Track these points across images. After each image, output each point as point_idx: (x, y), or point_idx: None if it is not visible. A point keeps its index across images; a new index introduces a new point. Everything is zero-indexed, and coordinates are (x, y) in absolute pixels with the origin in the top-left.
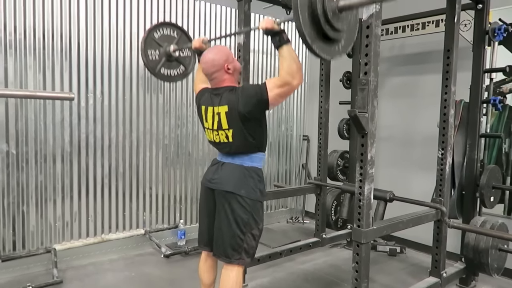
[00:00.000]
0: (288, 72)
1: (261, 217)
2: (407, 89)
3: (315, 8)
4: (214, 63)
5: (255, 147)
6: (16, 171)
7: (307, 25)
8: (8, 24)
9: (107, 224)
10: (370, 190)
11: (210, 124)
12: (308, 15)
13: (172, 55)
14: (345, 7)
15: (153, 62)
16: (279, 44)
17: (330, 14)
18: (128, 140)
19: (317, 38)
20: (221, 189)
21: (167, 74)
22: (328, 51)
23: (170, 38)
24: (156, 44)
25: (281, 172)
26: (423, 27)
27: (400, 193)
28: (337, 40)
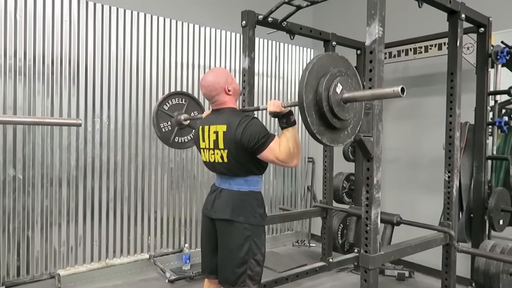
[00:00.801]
0: (288, 153)
1: (263, 241)
2: (411, 111)
3: (321, 106)
4: (214, 86)
5: (251, 170)
6: (22, 195)
7: (315, 123)
8: (18, 51)
9: (111, 249)
10: (377, 215)
11: (207, 143)
12: (315, 113)
13: (183, 124)
14: (349, 99)
15: (167, 133)
16: (285, 126)
17: (336, 108)
18: (134, 164)
19: (326, 131)
20: (220, 217)
21: (180, 142)
22: (338, 139)
23: (179, 106)
24: (167, 116)
25: (286, 194)
26: (426, 50)
27: (407, 215)
28: (346, 127)
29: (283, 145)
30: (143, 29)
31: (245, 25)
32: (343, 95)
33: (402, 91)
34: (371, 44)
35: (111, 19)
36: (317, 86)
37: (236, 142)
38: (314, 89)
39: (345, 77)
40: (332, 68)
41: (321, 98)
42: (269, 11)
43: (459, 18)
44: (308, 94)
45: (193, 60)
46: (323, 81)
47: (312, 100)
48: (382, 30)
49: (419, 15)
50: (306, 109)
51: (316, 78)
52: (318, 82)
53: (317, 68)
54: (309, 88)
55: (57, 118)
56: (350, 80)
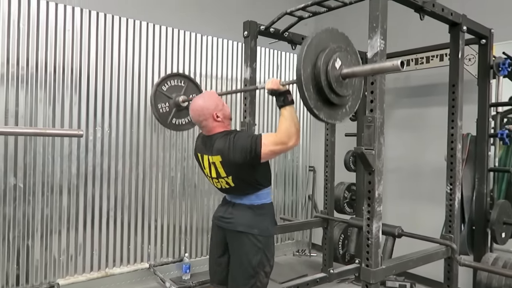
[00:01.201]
0: (286, 133)
1: (273, 253)
2: (413, 121)
3: (319, 81)
4: (203, 111)
5: (259, 186)
6: (22, 204)
7: (312, 98)
8: (21, 59)
9: (111, 258)
10: (378, 228)
11: (209, 172)
12: (313, 88)
13: (181, 105)
14: (348, 75)
15: (164, 115)
16: (282, 105)
17: (334, 84)
18: (135, 172)
19: (323, 107)
20: (233, 229)
21: (177, 124)
22: (335, 116)
23: (178, 88)
24: (165, 97)
25: (287, 202)
26: (427, 61)
27: (408, 226)
28: (344, 104)
29: (281, 126)
30: (145, 38)
31: (247, 35)
32: (342, 71)
33: (402, 65)
34: (372, 56)
35: (113, 28)
36: (315, 60)
37: (235, 164)
38: (312, 63)
39: (345, 53)
40: (332, 44)
41: (319, 72)
42: (271, 21)
43: (460, 30)
44: (306, 68)
45: (195, 69)
46: (322, 55)
47: (310, 74)
48: (384, 43)
49: (420, 26)
50: (304, 83)
51: (315, 53)
52: (317, 56)
53: (316, 43)
54: (307, 62)
55: (59, 129)
56: (349, 57)
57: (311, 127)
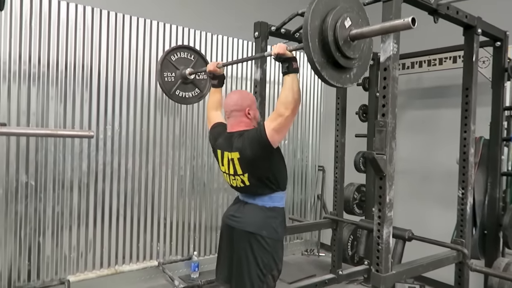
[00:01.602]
0: (283, 102)
1: (281, 257)
2: (424, 122)
3: (325, 36)
4: (238, 102)
5: (274, 188)
6: (34, 201)
7: (316, 52)
8: (33, 57)
9: (121, 255)
10: (389, 234)
11: (227, 169)
12: (319, 42)
13: (188, 78)
14: (357, 36)
15: (168, 84)
16: (286, 71)
17: (341, 42)
18: (144, 171)
19: (327, 65)
20: (242, 228)
21: (182, 96)
22: (338, 79)
23: (187, 61)
24: (172, 67)
25: (296, 202)
26: (440, 62)
27: (418, 229)
28: (349, 68)
29: (280, 97)
30: (155, 37)
31: (258, 36)
32: (350, 31)
33: (413, 22)
34: (385, 60)
35: (124, 27)
36: (325, 15)
37: (251, 160)
38: (322, 17)
39: (356, 15)
40: (344, 3)
41: (327, 27)
42: (282, 22)
43: (475, 33)
44: (314, 20)
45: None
46: (332, 11)
47: (317, 27)
48: (397, 46)
49: (433, 27)
50: (310, 33)
51: (326, 7)
52: (328, 11)
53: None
54: (316, 14)
55: (70, 130)
56: (360, 20)
57: (320, 127)
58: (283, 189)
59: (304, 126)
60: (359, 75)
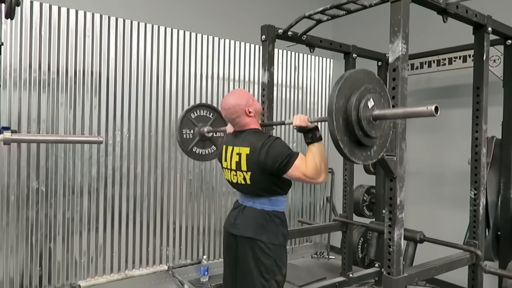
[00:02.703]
0: (315, 169)
1: (285, 262)
2: (435, 123)
3: (349, 115)
4: (235, 109)
5: (275, 191)
6: (45, 207)
7: (340, 130)
8: (43, 64)
9: (130, 260)
10: (400, 236)
11: (229, 164)
12: (342, 121)
13: (205, 136)
14: (380, 117)
15: (187, 140)
16: (311, 142)
17: (364, 122)
18: (153, 175)
19: (349, 143)
20: (242, 235)
21: (199, 153)
22: (359, 156)
23: (205, 118)
24: (191, 124)
25: (305, 204)
26: (449, 62)
27: (431, 231)
28: (369, 146)
29: (310, 161)
30: (163, 42)
31: (265, 39)
32: (373, 112)
33: (436, 110)
34: (394, 61)
35: (132, 33)
36: (350, 95)
37: (260, 164)
38: (346, 98)
39: (379, 96)
40: (368, 84)
41: (351, 107)
42: (289, 25)
43: (485, 31)
44: (339, 100)
45: (213, 72)
46: (357, 92)
47: (342, 106)
48: (405, 47)
49: (442, 26)
50: (335, 112)
51: (350, 88)
52: (352, 92)
53: (353, 79)
54: (341, 95)
55: (79, 136)
56: (382, 101)
57: None
58: (284, 194)
59: None
60: (380, 152)
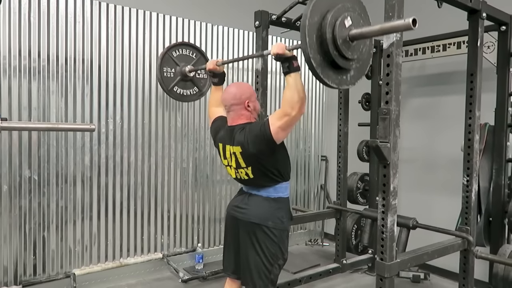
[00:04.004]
0: (289, 102)
1: (287, 246)
2: (428, 110)
3: (324, 32)
4: (236, 96)
5: (278, 179)
6: (37, 196)
7: (313, 48)
8: (33, 51)
9: (125, 248)
10: (393, 222)
11: (229, 162)
12: (316, 39)
13: (187, 75)
14: (357, 36)
15: (167, 79)
16: (287, 71)
17: (340, 40)
18: (147, 164)
19: (323, 64)
20: (248, 220)
21: (181, 93)
22: (334, 79)
23: (188, 58)
24: (173, 63)
25: (299, 192)
26: (444, 49)
27: (423, 217)
28: (346, 70)
29: (284, 96)
30: (155, 29)
31: (259, 25)
32: (350, 31)
33: (414, 23)
34: (388, 47)
35: (123, 19)
36: (326, 12)
37: (254, 155)
38: (322, 14)
39: (358, 16)
40: (346, 3)
41: (326, 24)
42: (283, 11)
43: (480, 17)
44: (314, 15)
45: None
46: (333, 9)
47: (316, 22)
48: (400, 33)
49: (437, 12)
50: (307, 28)
51: (327, 3)
52: (328, 8)
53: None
54: (316, 9)
55: (71, 124)
56: (362, 22)
57: (323, 116)
58: (287, 180)
59: (307, 116)
60: (357, 78)
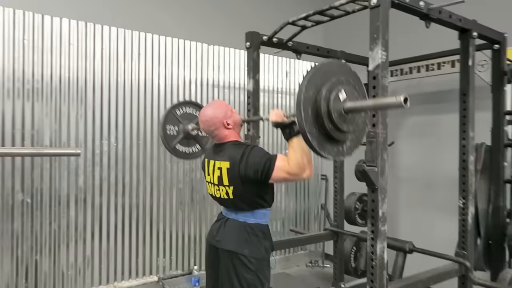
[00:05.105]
0: (298, 165)
1: (267, 277)
2: (426, 128)
3: (319, 106)
4: (213, 121)
5: (258, 204)
6: (30, 220)
7: (309, 122)
8: (26, 73)
9: (119, 271)
10: (382, 249)
11: (211, 178)
12: (312, 112)
13: (190, 133)
14: (351, 109)
15: (170, 137)
16: (289, 137)
17: (335, 114)
18: (142, 184)
19: (320, 137)
20: (224, 247)
21: (183, 152)
22: (331, 151)
23: (191, 116)
24: (176, 120)
25: (299, 212)
26: (438, 67)
27: (422, 239)
28: (341, 141)
29: (291, 158)
30: (151, 49)
31: (249, 46)
32: (345, 104)
33: (405, 101)
34: (374, 69)
35: (118, 41)
36: (321, 86)
37: (242, 177)
38: (317, 88)
39: (352, 89)
40: (341, 76)
41: (321, 98)
42: (274, 32)
43: (470, 36)
44: (309, 90)
45: (202, 78)
46: (328, 83)
47: (311, 97)
48: (385, 54)
49: (430, 30)
50: (303, 102)
51: (322, 79)
52: (323, 83)
53: (325, 70)
54: (311, 85)
55: (56, 148)
56: (356, 94)
57: None
58: (267, 207)
59: None
60: (353, 148)
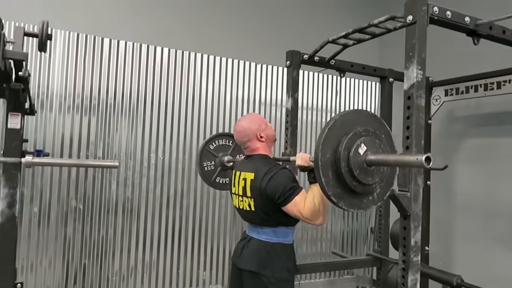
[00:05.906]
0: (312, 211)
1: None
2: (487, 152)
3: (339, 166)
4: (246, 132)
5: (280, 221)
6: (81, 225)
7: (331, 185)
8: (85, 90)
9: (161, 281)
10: (415, 282)
11: (237, 189)
12: (332, 174)
13: (226, 165)
14: (373, 162)
15: (208, 172)
16: (313, 182)
17: (356, 171)
18: (186, 198)
19: (344, 195)
20: (246, 268)
21: (223, 183)
22: (360, 205)
23: (225, 147)
24: (211, 155)
25: (346, 233)
26: (498, 86)
27: (480, 274)
28: (369, 193)
29: (309, 201)
30: (199, 68)
31: (289, 65)
32: (366, 157)
33: (427, 161)
34: (409, 88)
35: (169, 60)
36: (337, 145)
37: (261, 192)
38: (333, 149)
39: (372, 137)
40: (358, 127)
41: (339, 158)
42: (314, 50)
43: None
44: (325, 153)
45: (249, 96)
46: (344, 140)
47: (329, 159)
48: (422, 73)
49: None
50: (321, 168)
51: (337, 136)
52: (339, 141)
53: (340, 125)
54: (327, 146)
55: (96, 160)
56: (378, 141)
57: None
58: (291, 226)
59: None
60: (384, 194)
